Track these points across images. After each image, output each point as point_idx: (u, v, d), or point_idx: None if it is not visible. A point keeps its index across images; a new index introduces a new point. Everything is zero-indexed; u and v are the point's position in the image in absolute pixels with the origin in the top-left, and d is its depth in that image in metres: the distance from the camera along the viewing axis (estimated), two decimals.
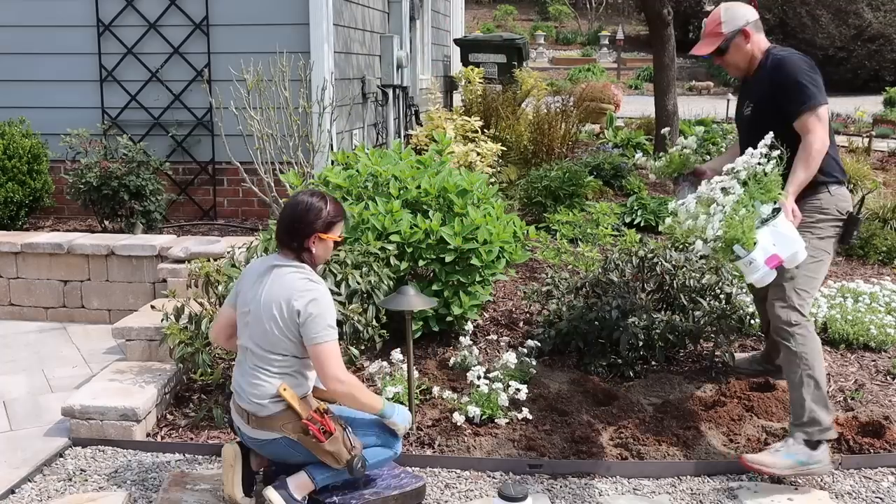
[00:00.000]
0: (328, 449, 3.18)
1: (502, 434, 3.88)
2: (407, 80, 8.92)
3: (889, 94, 14.81)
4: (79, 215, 6.95)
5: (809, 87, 3.56)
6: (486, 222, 4.65)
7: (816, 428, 3.51)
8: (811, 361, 3.53)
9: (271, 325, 3.17)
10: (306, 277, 3.21)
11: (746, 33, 3.75)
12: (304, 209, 3.24)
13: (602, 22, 30.64)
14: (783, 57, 3.69)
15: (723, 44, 3.78)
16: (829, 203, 3.68)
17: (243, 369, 3.29)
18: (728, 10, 3.81)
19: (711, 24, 3.84)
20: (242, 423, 3.30)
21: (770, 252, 3.33)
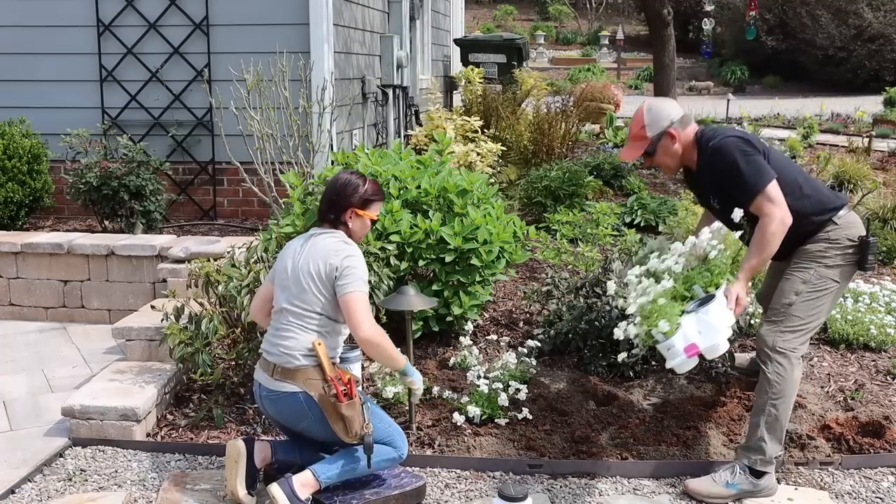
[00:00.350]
0: (343, 412, 3.23)
1: (502, 434, 3.88)
2: (407, 80, 8.92)
3: (889, 94, 14.79)
4: (79, 215, 6.94)
5: (752, 171, 3.45)
6: (486, 222, 4.65)
7: (759, 456, 3.48)
8: (780, 392, 3.47)
9: (308, 284, 3.33)
10: (342, 240, 3.41)
11: (672, 135, 3.61)
12: (342, 184, 3.48)
13: (602, 22, 30.64)
14: (716, 146, 3.55)
15: (649, 147, 3.64)
16: (838, 234, 3.59)
17: (276, 328, 3.40)
18: (650, 112, 3.63)
19: (635, 126, 3.66)
20: (265, 378, 3.36)
21: (691, 340, 3.23)
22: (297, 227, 4.72)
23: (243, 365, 4.30)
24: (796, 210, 3.49)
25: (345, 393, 3.24)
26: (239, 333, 4.26)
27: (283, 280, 3.42)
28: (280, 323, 3.39)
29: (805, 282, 3.55)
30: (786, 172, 3.57)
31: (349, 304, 3.29)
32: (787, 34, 20.36)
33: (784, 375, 3.47)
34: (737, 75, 20.93)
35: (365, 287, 3.34)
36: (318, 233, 3.46)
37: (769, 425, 3.47)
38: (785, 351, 3.49)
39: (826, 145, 10.51)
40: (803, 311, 3.53)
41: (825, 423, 3.96)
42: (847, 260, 3.60)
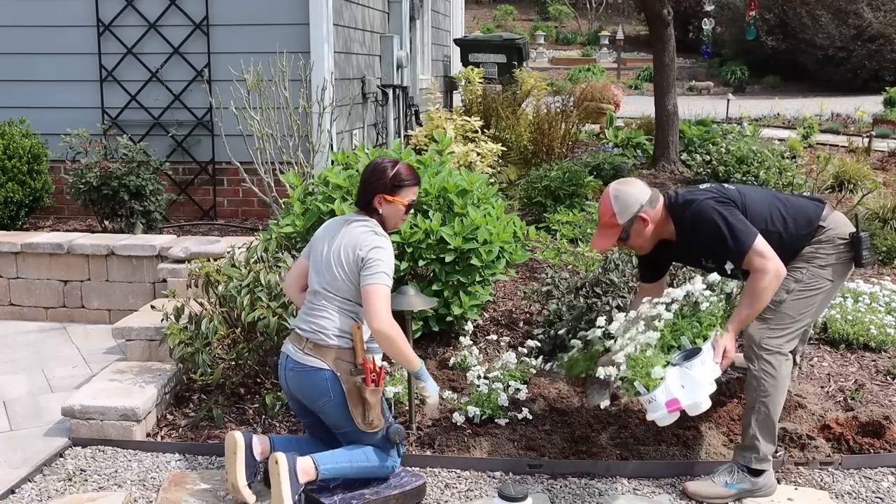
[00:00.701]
0: (367, 396, 3.28)
1: (502, 434, 3.88)
2: (407, 80, 8.91)
3: (889, 94, 14.79)
4: (79, 215, 6.94)
5: (736, 234, 3.41)
6: (486, 222, 4.64)
7: (753, 455, 3.48)
8: (769, 389, 3.46)
9: (339, 271, 3.35)
10: (372, 230, 3.39)
11: (643, 219, 3.53)
12: (370, 170, 3.47)
13: (602, 22, 30.64)
14: (695, 216, 3.50)
15: (622, 234, 3.55)
16: (828, 235, 3.58)
17: (311, 307, 3.43)
18: (618, 200, 3.53)
19: (605, 214, 3.57)
20: (293, 350, 3.38)
21: (673, 395, 3.19)
22: (297, 227, 4.72)
23: (243, 365, 4.30)
24: (790, 235, 3.55)
25: (372, 379, 3.27)
26: (239, 333, 4.26)
27: (318, 263, 3.45)
28: (314, 303, 3.42)
29: (797, 281, 3.55)
30: (765, 206, 3.59)
31: (368, 294, 3.28)
32: (787, 34, 20.36)
33: (771, 373, 3.48)
34: (737, 75, 20.94)
35: (387, 280, 3.31)
36: (352, 219, 3.46)
37: (760, 423, 3.48)
38: (770, 348, 3.49)
39: (826, 145, 10.51)
40: (793, 309, 3.53)
41: (825, 423, 3.96)
42: (840, 258, 3.60)
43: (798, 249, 3.58)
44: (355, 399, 3.30)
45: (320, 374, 3.31)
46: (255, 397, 4.26)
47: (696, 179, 8.28)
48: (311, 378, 3.33)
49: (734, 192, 3.59)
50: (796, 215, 3.60)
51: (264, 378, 4.30)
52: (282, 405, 4.07)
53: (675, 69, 9.05)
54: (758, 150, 8.01)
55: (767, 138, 10.01)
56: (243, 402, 4.25)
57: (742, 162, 7.87)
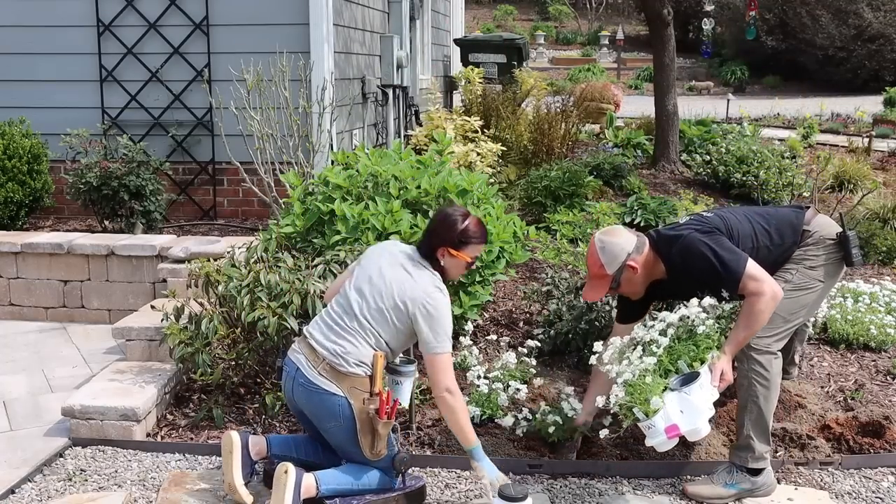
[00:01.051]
0: (379, 429, 3.24)
1: (502, 434, 3.88)
2: (407, 80, 8.91)
3: (889, 94, 14.80)
4: (79, 215, 6.94)
5: (727, 264, 3.40)
6: (487, 222, 4.64)
7: (749, 454, 3.49)
8: (760, 389, 3.47)
9: (390, 314, 3.28)
10: (437, 287, 3.31)
11: (632, 267, 3.51)
12: (440, 220, 3.42)
13: (602, 22, 30.64)
14: (682, 248, 3.48)
15: (613, 284, 3.54)
16: (815, 237, 3.60)
17: (337, 324, 3.32)
18: (605, 252, 3.51)
19: (593, 266, 3.55)
20: (307, 366, 3.29)
21: (672, 421, 3.19)
22: (297, 227, 4.72)
23: (243, 365, 4.30)
24: (777, 247, 3.57)
25: (386, 412, 3.23)
26: (239, 333, 4.25)
27: (364, 286, 3.35)
28: (344, 323, 3.33)
29: (787, 282, 3.55)
30: (746, 224, 3.60)
31: (433, 364, 3.25)
32: (787, 34, 20.36)
33: (762, 372, 3.48)
34: (737, 75, 20.94)
35: (447, 345, 3.25)
36: (417, 261, 3.37)
37: (753, 422, 3.49)
38: (760, 348, 3.50)
39: (826, 145, 10.51)
40: (784, 310, 3.52)
41: (825, 423, 3.96)
42: (830, 258, 3.61)
43: (788, 258, 3.60)
44: (366, 429, 3.25)
45: (333, 399, 3.25)
46: (255, 397, 4.26)
47: (696, 179, 8.29)
48: (323, 400, 3.27)
49: (715, 220, 3.59)
50: (780, 226, 3.62)
51: (264, 378, 4.29)
52: (282, 405, 4.07)
53: (675, 69, 9.04)
54: (758, 150, 8.02)
55: (767, 138, 10.01)
56: (243, 402, 4.25)
57: (742, 162, 7.87)
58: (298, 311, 4.01)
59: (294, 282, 4.09)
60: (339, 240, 4.55)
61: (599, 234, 3.61)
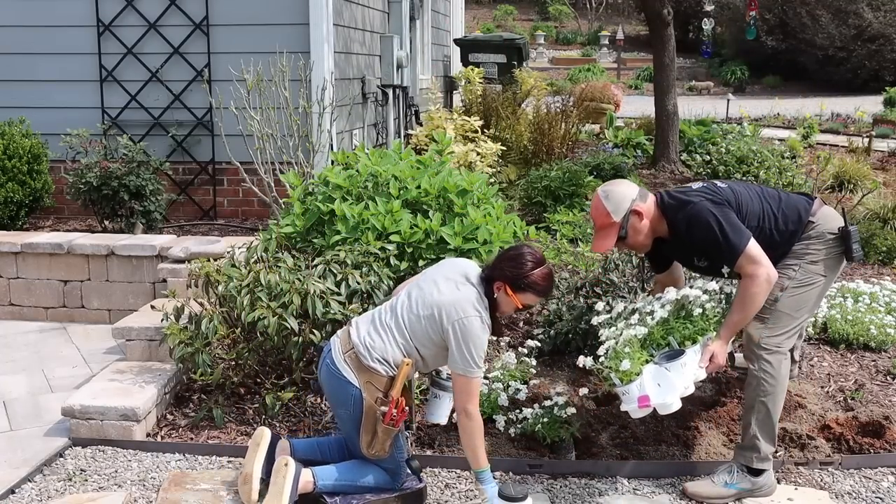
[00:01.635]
0: (379, 430, 3.26)
1: (502, 434, 3.88)
2: (407, 80, 8.91)
3: (889, 94, 14.80)
4: (79, 215, 6.94)
5: (729, 238, 3.42)
6: (487, 222, 4.64)
7: (754, 454, 3.49)
8: (769, 389, 3.48)
9: (425, 322, 3.26)
10: (475, 307, 3.24)
11: (637, 212, 3.54)
12: (512, 254, 3.36)
13: (602, 22, 30.64)
14: (689, 217, 3.51)
15: (621, 231, 3.55)
16: (818, 230, 3.59)
17: (382, 319, 3.36)
18: (609, 198, 3.55)
19: (599, 216, 3.58)
20: (338, 350, 3.34)
21: (646, 391, 3.28)
22: (297, 227, 4.72)
23: (243, 365, 4.30)
24: (780, 231, 3.57)
25: (393, 418, 3.24)
26: (239, 333, 4.25)
27: (415, 287, 3.38)
28: (385, 317, 3.36)
29: (790, 278, 3.56)
30: (757, 202, 3.61)
31: (460, 385, 3.23)
32: (787, 34, 20.36)
33: (771, 372, 3.48)
34: (737, 75, 20.94)
35: (478, 370, 3.21)
36: (471, 281, 3.32)
37: (760, 423, 3.49)
38: (770, 347, 3.50)
39: (826, 145, 10.52)
40: (789, 307, 3.53)
41: (825, 423, 3.96)
42: (831, 253, 3.60)
43: (789, 245, 3.59)
44: (369, 426, 3.28)
45: (348, 387, 3.29)
46: (255, 397, 4.26)
47: (696, 179, 8.28)
48: (339, 385, 3.32)
49: (728, 192, 3.60)
50: (787, 210, 3.62)
51: (264, 378, 4.29)
52: (282, 405, 4.07)
53: (675, 69, 9.05)
54: (758, 150, 8.02)
55: (767, 138, 10.01)
56: (243, 402, 4.25)
57: (742, 162, 7.87)
58: (298, 311, 4.01)
59: (294, 282, 4.09)
60: (339, 240, 4.55)
61: (601, 186, 3.68)
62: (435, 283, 3.34)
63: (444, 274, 3.40)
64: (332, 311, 4.04)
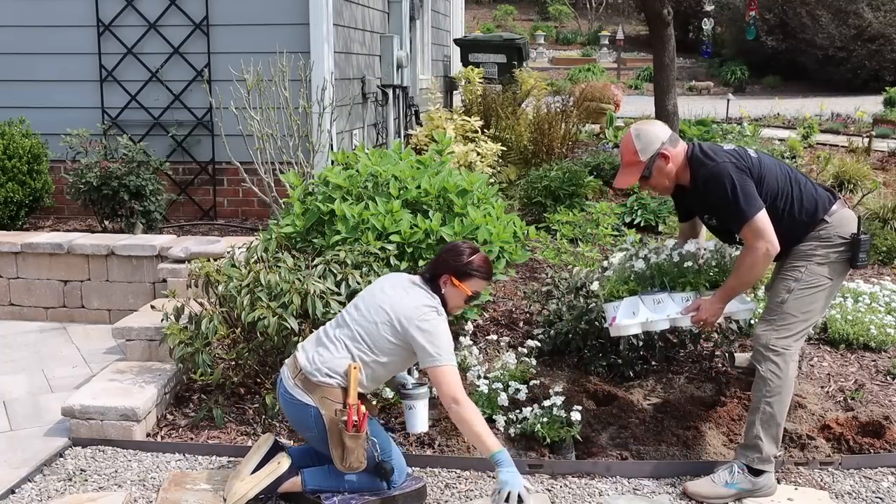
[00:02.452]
0: (345, 441, 3.25)
1: (502, 434, 3.88)
2: (407, 80, 8.91)
3: (889, 94, 14.79)
4: (79, 215, 6.94)
5: (739, 203, 3.48)
6: (487, 222, 4.64)
7: (756, 455, 3.49)
8: (774, 390, 3.49)
9: (384, 328, 3.29)
10: (429, 305, 3.32)
11: (665, 155, 3.61)
12: (448, 249, 3.51)
13: (602, 22, 30.64)
14: (709, 174, 3.58)
15: (645, 171, 3.63)
16: (829, 231, 3.60)
17: (325, 335, 3.40)
18: (640, 137, 3.64)
19: (627, 153, 3.67)
20: (288, 377, 3.38)
21: (615, 314, 3.77)
22: (297, 227, 4.72)
23: (243, 365, 4.30)
24: (792, 217, 3.57)
25: (354, 424, 3.24)
26: (239, 333, 4.25)
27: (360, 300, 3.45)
28: (330, 332, 3.39)
29: (797, 280, 3.57)
30: (780, 182, 3.62)
31: (435, 378, 3.24)
32: (787, 34, 20.35)
33: (778, 374, 3.49)
34: (737, 75, 20.93)
35: (451, 357, 3.25)
36: (417, 283, 3.42)
37: (765, 423, 3.49)
38: (778, 349, 3.51)
39: (826, 145, 10.51)
40: (796, 308, 3.54)
41: (825, 423, 3.96)
42: (838, 258, 3.60)
43: (798, 235, 3.60)
44: (336, 440, 3.28)
45: (306, 409, 3.31)
46: (255, 397, 4.26)
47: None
48: (298, 410, 3.34)
49: (754, 160, 3.63)
50: (806, 199, 3.62)
51: (264, 378, 4.29)
52: None
53: (675, 69, 9.04)
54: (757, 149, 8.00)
55: (767, 138, 10.01)
56: (243, 402, 4.25)
57: None
58: (298, 311, 4.01)
59: (294, 282, 4.09)
60: (339, 240, 4.55)
61: (636, 123, 3.77)
62: (383, 292, 3.41)
63: (389, 283, 3.48)
64: (332, 311, 4.04)
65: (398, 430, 3.92)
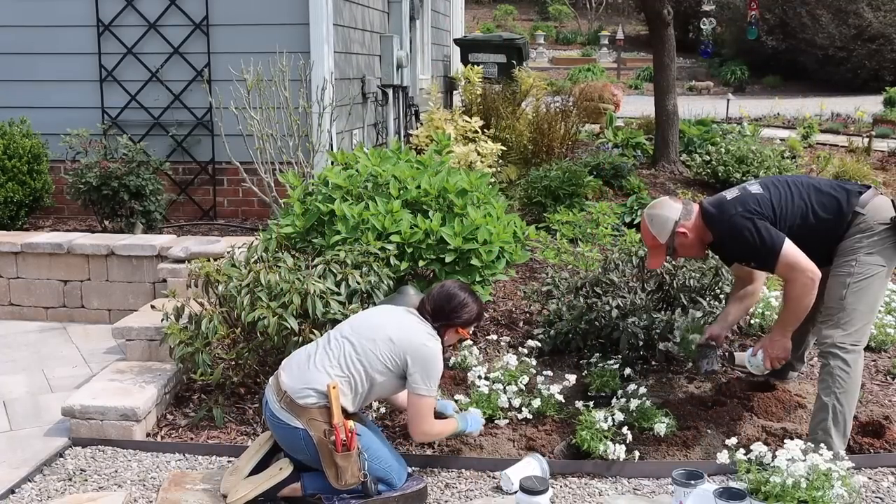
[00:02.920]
0: (337, 461, 3.25)
1: (502, 434, 3.88)
2: (407, 80, 8.91)
3: (889, 94, 14.79)
4: (79, 215, 6.94)
5: (760, 248, 3.59)
6: (487, 222, 4.64)
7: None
8: (845, 387, 3.52)
9: (380, 345, 3.36)
10: (431, 334, 3.44)
11: (682, 232, 3.77)
12: (457, 304, 3.52)
13: (602, 22, 30.63)
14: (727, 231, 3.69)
15: (669, 251, 3.83)
16: (867, 222, 3.63)
17: (309, 358, 3.40)
18: (654, 222, 3.81)
19: (647, 238, 3.87)
20: (273, 400, 3.37)
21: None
22: (297, 227, 4.72)
23: (243, 365, 4.30)
24: (821, 220, 3.64)
25: (343, 443, 3.24)
26: (239, 333, 4.25)
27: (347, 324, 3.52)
28: (314, 357, 3.39)
29: (850, 274, 3.60)
30: (795, 198, 3.68)
31: (414, 405, 3.39)
32: (787, 34, 20.35)
33: (847, 370, 3.52)
34: (737, 75, 20.93)
35: (431, 390, 3.39)
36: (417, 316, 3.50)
37: (836, 421, 3.52)
38: (846, 346, 3.55)
39: (826, 145, 10.51)
40: (856, 302, 3.58)
41: None
42: (884, 243, 3.64)
43: (836, 234, 3.65)
44: (328, 461, 3.27)
45: (295, 432, 3.30)
46: (254, 397, 4.26)
47: (696, 179, 8.29)
48: (287, 432, 3.33)
49: (764, 199, 3.67)
50: (827, 202, 3.68)
51: (264, 378, 4.29)
52: None
53: (675, 69, 9.04)
54: (757, 150, 8.02)
55: (767, 138, 10.01)
56: (243, 402, 4.25)
57: (742, 162, 7.87)
58: (298, 310, 4.01)
59: (294, 282, 4.09)
60: (339, 240, 4.55)
61: (646, 209, 3.89)
62: (378, 315, 3.52)
63: (380, 310, 3.64)
64: (332, 311, 4.05)
65: (398, 430, 3.93)
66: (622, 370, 4.35)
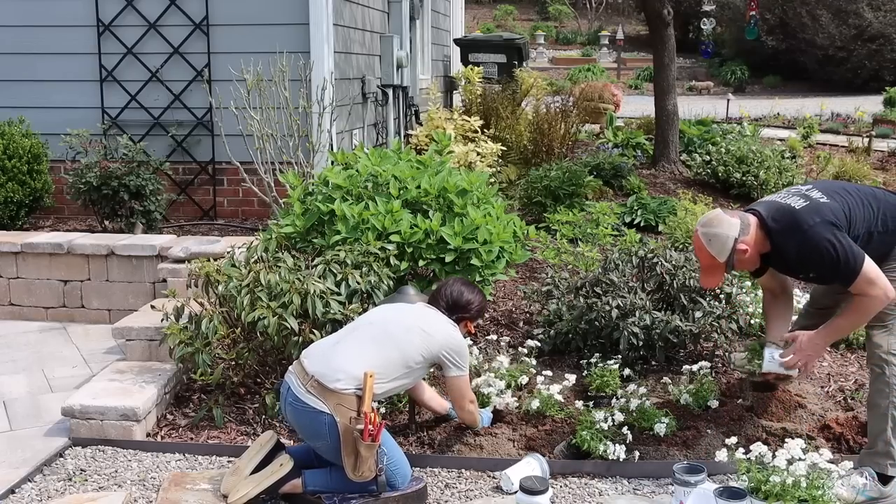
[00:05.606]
0: (361, 450, 3.24)
1: (502, 434, 3.88)
2: (407, 80, 8.91)
3: (889, 94, 14.77)
4: (79, 215, 6.94)
5: (847, 261, 3.36)
6: (487, 222, 4.64)
7: (888, 461, 3.45)
8: None
9: (416, 341, 3.45)
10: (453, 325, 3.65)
11: (742, 250, 3.50)
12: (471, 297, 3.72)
13: (602, 22, 30.62)
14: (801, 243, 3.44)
15: (728, 269, 3.58)
16: None
17: (337, 344, 3.45)
18: (713, 241, 3.49)
19: (705, 258, 3.57)
20: (296, 385, 3.34)
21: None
22: (297, 227, 4.72)
23: (243, 365, 4.30)
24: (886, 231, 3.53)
25: (371, 433, 3.23)
26: (239, 333, 4.26)
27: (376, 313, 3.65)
28: (341, 343, 3.44)
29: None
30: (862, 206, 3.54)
31: (456, 385, 3.59)
32: (787, 34, 20.34)
33: None
34: (737, 75, 20.93)
35: (467, 370, 3.61)
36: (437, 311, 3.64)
37: (895, 428, 3.45)
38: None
39: (826, 145, 10.51)
40: None
41: (825, 423, 3.95)
42: None
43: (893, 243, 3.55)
44: (349, 448, 3.26)
45: (319, 417, 3.27)
46: (255, 397, 4.26)
47: (696, 179, 8.28)
48: (310, 418, 3.31)
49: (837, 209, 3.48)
50: (887, 210, 3.56)
51: (264, 378, 4.30)
52: None
53: (675, 69, 9.04)
54: (757, 149, 8.01)
55: (767, 138, 10.01)
56: (243, 402, 4.25)
57: (742, 162, 7.87)
58: (298, 311, 4.01)
59: (294, 282, 4.09)
60: (339, 240, 4.55)
61: (701, 227, 3.55)
62: (405, 308, 3.65)
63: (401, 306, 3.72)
64: (332, 310, 4.05)
65: (398, 430, 3.93)
66: (622, 370, 4.35)
